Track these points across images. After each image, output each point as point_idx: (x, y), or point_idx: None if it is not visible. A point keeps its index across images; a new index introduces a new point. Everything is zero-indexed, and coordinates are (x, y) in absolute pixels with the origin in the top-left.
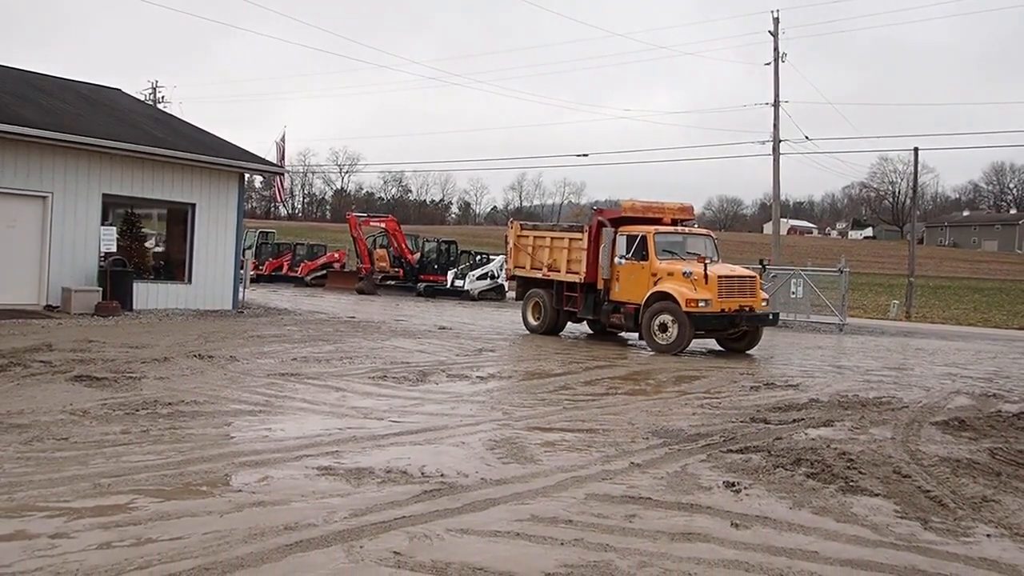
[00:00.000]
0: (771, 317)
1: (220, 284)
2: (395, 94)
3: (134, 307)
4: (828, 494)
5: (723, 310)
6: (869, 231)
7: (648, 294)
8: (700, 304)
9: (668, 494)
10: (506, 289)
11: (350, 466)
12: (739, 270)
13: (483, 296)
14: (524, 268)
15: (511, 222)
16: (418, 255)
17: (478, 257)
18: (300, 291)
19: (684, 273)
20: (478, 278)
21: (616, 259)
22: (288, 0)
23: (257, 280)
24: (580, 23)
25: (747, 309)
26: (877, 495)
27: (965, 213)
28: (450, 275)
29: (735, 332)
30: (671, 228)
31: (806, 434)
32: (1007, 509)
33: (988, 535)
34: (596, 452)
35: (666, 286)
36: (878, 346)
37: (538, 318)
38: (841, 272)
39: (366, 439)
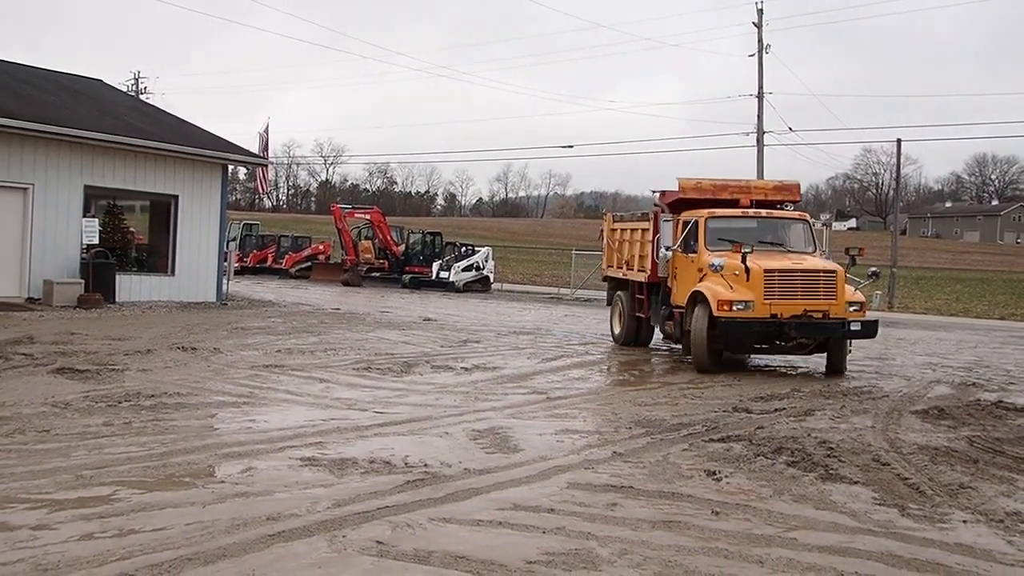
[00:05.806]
0: (853, 328)
1: (204, 276)
2: (381, 86)
3: (117, 299)
4: (808, 482)
5: (774, 315)
6: (853, 222)
7: (689, 295)
8: (736, 307)
9: (650, 483)
10: (491, 280)
11: (333, 457)
12: (809, 262)
13: (468, 288)
14: (612, 267)
15: (605, 213)
16: (403, 247)
17: (463, 249)
18: (285, 283)
19: (711, 266)
20: (463, 270)
21: (662, 250)
22: None
23: (241, 272)
24: (567, 15)
25: (820, 315)
26: (856, 483)
27: (947, 204)
28: (435, 267)
29: (809, 345)
30: (736, 211)
31: (787, 423)
32: (983, 496)
33: (964, 521)
34: (579, 441)
35: (704, 284)
36: None
37: (621, 326)
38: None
39: (350, 430)
